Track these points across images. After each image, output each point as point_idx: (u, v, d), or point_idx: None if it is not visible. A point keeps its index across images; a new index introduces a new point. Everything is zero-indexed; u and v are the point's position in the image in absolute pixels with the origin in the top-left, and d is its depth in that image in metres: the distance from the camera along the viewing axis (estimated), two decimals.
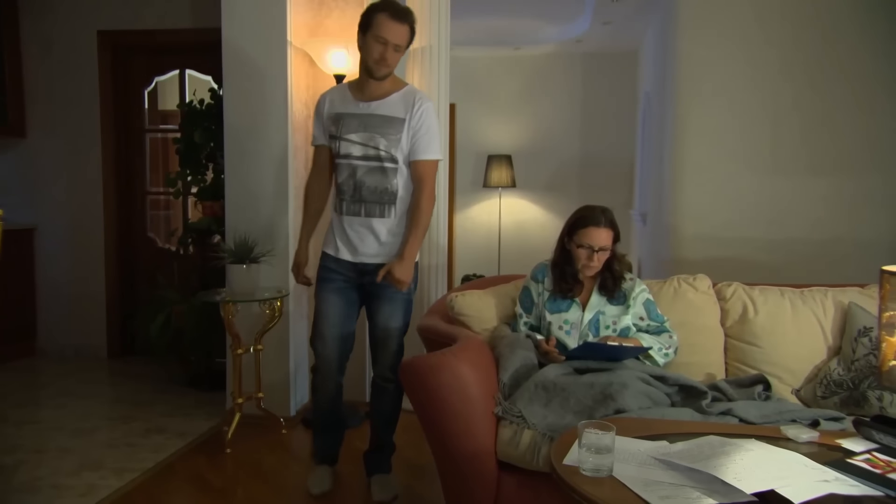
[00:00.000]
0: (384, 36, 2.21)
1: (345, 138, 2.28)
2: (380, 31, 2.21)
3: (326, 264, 2.38)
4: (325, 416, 2.49)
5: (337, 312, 2.36)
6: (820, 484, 1.28)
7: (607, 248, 2.12)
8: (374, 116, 2.28)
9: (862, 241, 3.30)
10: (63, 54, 4.20)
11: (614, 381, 1.83)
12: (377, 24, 2.22)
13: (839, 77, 3.30)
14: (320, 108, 2.38)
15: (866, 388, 2.02)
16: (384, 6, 2.25)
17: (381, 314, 2.36)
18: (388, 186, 2.29)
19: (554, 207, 6.16)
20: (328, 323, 2.36)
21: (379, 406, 2.46)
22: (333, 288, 2.36)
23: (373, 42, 2.22)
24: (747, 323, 2.25)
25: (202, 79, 4.19)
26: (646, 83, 5.12)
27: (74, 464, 2.67)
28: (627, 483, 1.29)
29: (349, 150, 2.28)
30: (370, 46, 2.23)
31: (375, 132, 2.27)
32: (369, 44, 2.23)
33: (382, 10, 2.24)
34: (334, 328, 2.37)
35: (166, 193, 4.27)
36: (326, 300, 2.37)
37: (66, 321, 4.30)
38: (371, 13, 2.25)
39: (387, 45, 2.22)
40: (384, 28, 2.21)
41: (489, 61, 6.21)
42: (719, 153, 3.43)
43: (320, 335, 2.38)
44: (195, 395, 3.52)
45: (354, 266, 2.35)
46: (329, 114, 2.34)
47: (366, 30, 2.24)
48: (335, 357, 2.39)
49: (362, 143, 2.28)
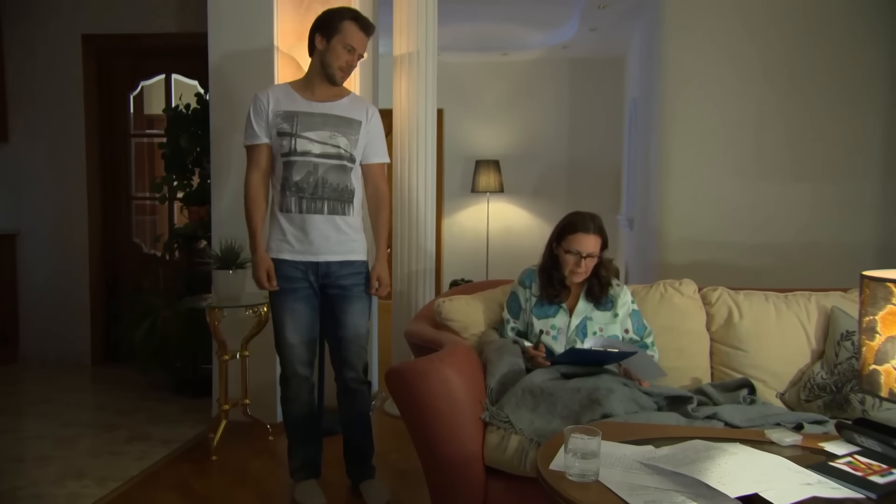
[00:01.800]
0: (352, 44, 2.21)
1: (302, 135, 2.23)
2: (349, 40, 2.20)
3: (285, 272, 2.28)
4: (305, 427, 2.42)
5: (306, 321, 2.32)
6: (803, 487, 1.29)
7: (595, 255, 2.13)
8: (333, 116, 2.27)
9: (846, 245, 3.35)
10: (47, 58, 4.16)
11: (601, 386, 1.84)
12: (347, 31, 2.20)
13: (823, 83, 3.35)
14: (261, 106, 2.27)
15: (849, 391, 2.04)
16: (352, 14, 2.24)
17: (351, 314, 2.32)
18: (348, 184, 2.30)
19: (542, 212, 6.19)
20: (298, 330, 2.31)
21: (356, 410, 2.42)
22: (299, 297, 2.29)
23: (340, 49, 2.21)
24: (732, 327, 2.27)
25: (188, 83, 4.16)
26: (632, 89, 5.16)
27: (56, 473, 2.63)
28: (613, 488, 1.30)
29: (307, 147, 2.24)
30: (336, 53, 2.21)
31: (336, 131, 2.26)
32: (336, 50, 2.21)
33: (351, 17, 2.22)
34: (304, 335, 2.32)
35: (152, 198, 4.23)
36: (293, 310, 2.29)
37: (49, 327, 4.25)
38: (337, 19, 2.22)
39: (353, 54, 2.22)
40: (353, 37, 2.21)
41: (476, 67, 6.24)
42: (705, 158, 3.47)
43: (290, 345, 2.31)
44: (180, 402, 3.48)
45: (317, 267, 2.29)
46: (277, 111, 2.25)
47: (331, 35, 2.21)
48: (307, 362, 2.36)
49: (321, 141, 2.25)
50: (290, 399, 2.38)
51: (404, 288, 3.30)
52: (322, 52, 2.24)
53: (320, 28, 2.24)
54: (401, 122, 3.27)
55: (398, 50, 3.26)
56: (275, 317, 2.34)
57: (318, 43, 2.24)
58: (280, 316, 2.31)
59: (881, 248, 3.31)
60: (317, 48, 2.26)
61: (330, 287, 2.32)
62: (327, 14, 2.26)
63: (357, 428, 2.44)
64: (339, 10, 2.28)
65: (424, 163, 3.26)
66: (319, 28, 2.25)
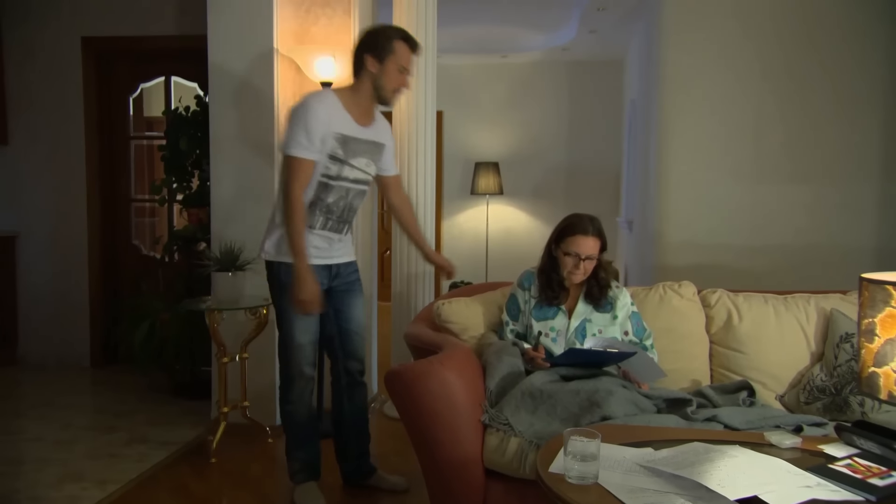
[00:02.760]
0: (405, 65, 2.19)
1: (349, 163, 2.24)
2: (402, 61, 2.18)
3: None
4: (307, 428, 2.43)
5: (314, 322, 2.35)
6: (802, 490, 1.29)
7: (594, 257, 2.13)
8: (373, 143, 2.30)
9: (844, 247, 3.35)
10: (46, 61, 4.16)
11: (600, 389, 1.84)
12: (399, 52, 2.16)
13: (822, 86, 3.35)
14: (317, 120, 2.12)
15: (848, 393, 2.04)
16: (403, 34, 2.21)
17: (356, 307, 2.44)
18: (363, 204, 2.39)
19: (541, 214, 6.19)
20: (308, 332, 2.33)
21: (361, 404, 2.49)
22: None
23: (394, 70, 2.17)
24: (732, 329, 2.27)
25: (188, 85, 4.17)
26: (632, 91, 5.17)
27: (54, 475, 2.62)
28: (613, 490, 1.29)
29: (349, 174, 2.25)
30: (391, 75, 2.17)
31: (371, 158, 2.31)
32: (390, 72, 2.17)
33: (402, 38, 2.19)
34: (312, 336, 2.36)
35: (151, 200, 4.23)
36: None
37: (48, 329, 4.24)
38: (388, 39, 2.17)
39: (406, 74, 2.21)
40: (406, 57, 2.18)
41: (476, 69, 6.24)
42: (704, 161, 3.47)
43: (299, 345, 2.32)
44: (179, 405, 3.48)
45: (330, 269, 2.35)
46: (333, 132, 2.17)
47: (383, 57, 2.16)
48: (312, 363, 2.40)
49: (360, 168, 2.28)
50: (294, 400, 2.38)
51: (404, 290, 3.30)
52: (375, 75, 2.18)
53: (371, 49, 2.17)
54: (400, 124, 3.28)
55: None
56: (284, 319, 2.31)
57: (369, 65, 2.17)
58: (290, 317, 2.28)
59: (880, 250, 3.31)
60: (367, 70, 2.19)
61: (338, 285, 2.39)
62: (375, 34, 2.20)
63: (360, 423, 2.51)
64: (386, 29, 2.22)
65: (424, 165, 3.26)
66: (370, 49, 2.17)
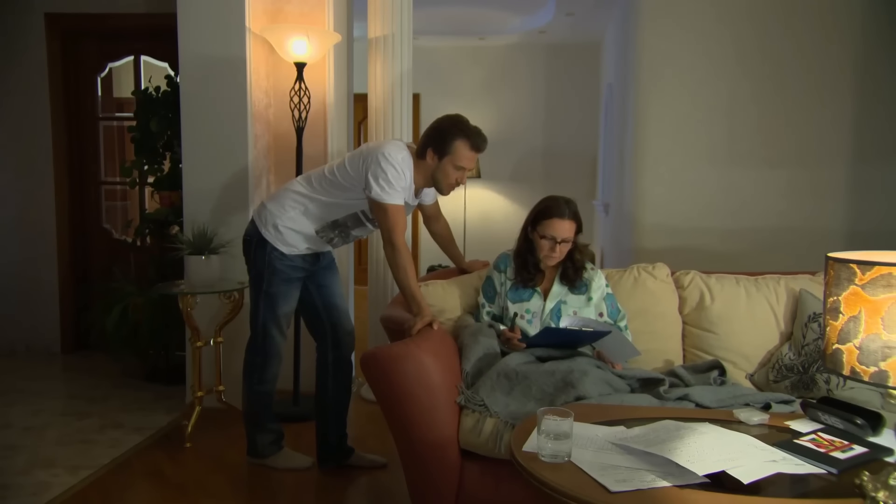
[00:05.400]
0: (463, 165, 2.21)
1: None
2: (459, 161, 2.20)
3: (293, 263, 2.38)
4: (270, 403, 2.53)
5: (293, 306, 2.48)
6: (768, 464, 1.32)
7: (570, 240, 2.14)
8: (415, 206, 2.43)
9: (816, 230, 3.41)
10: (7, 38, 4.01)
11: (575, 369, 1.86)
12: (458, 153, 2.18)
13: (796, 70, 3.39)
14: (405, 178, 2.21)
15: (815, 371, 2.09)
16: (466, 133, 2.18)
17: (338, 284, 2.56)
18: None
19: (518, 198, 6.20)
20: (288, 313, 2.46)
21: (344, 383, 2.55)
22: (298, 285, 2.45)
23: (450, 168, 2.21)
24: (704, 310, 2.30)
25: (158, 65, 4.06)
26: (608, 75, 5.18)
27: (24, 462, 2.58)
28: (585, 468, 1.31)
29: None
30: (446, 172, 2.22)
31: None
32: (446, 169, 2.21)
33: (464, 137, 2.18)
34: (290, 318, 2.49)
35: (122, 183, 4.14)
36: (289, 295, 2.43)
37: (17, 315, 4.14)
38: (452, 138, 2.17)
39: (463, 172, 2.23)
40: (464, 158, 2.20)
41: (453, 51, 6.19)
42: (679, 144, 3.50)
43: (278, 325, 2.44)
44: (153, 390, 3.44)
45: (317, 256, 2.47)
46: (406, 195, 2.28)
47: (442, 155, 2.19)
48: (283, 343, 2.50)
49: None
50: (269, 379, 2.48)
51: (381, 273, 3.29)
52: (433, 168, 2.23)
53: (433, 143, 2.20)
54: (376, 106, 3.24)
55: (373, 33, 3.22)
56: (267, 299, 2.39)
57: (429, 159, 2.22)
58: (275, 298, 2.39)
59: (852, 233, 3.38)
60: (427, 161, 2.22)
61: (320, 267, 2.50)
62: (442, 128, 2.21)
63: (343, 403, 2.57)
64: (452, 127, 2.20)
65: None
66: (432, 143, 2.21)
